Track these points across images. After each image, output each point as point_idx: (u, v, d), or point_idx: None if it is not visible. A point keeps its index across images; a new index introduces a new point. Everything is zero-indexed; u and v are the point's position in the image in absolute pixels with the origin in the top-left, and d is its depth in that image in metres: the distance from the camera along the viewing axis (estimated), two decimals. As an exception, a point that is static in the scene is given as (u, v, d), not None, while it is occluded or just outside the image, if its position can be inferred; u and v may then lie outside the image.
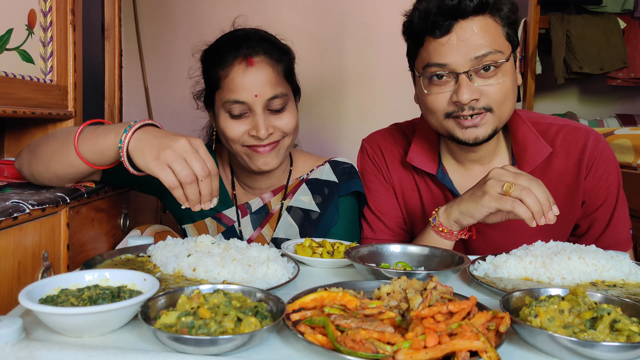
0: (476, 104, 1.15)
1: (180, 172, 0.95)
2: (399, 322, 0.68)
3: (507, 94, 1.17)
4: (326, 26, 3.09)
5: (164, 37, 3.16)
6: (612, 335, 0.65)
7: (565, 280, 0.92)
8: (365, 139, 1.51)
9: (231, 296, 0.71)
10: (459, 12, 1.12)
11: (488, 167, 1.33)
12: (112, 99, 1.90)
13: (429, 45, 1.17)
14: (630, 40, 3.24)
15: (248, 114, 1.28)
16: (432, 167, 1.35)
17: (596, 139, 1.28)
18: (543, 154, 1.26)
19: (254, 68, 1.26)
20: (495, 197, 1.06)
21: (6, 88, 1.17)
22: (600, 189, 1.28)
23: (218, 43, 1.34)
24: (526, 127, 1.28)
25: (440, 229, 1.18)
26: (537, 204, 1.01)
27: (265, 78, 1.26)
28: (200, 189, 0.97)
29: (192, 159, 0.95)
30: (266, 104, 1.27)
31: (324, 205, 1.40)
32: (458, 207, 1.14)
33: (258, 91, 1.25)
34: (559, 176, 1.29)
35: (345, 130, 3.16)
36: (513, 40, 1.19)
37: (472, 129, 1.18)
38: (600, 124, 3.37)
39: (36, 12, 1.31)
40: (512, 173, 1.06)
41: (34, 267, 1.00)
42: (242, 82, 1.25)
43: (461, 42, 1.13)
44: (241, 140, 1.29)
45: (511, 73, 1.18)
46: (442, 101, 1.18)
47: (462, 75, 1.14)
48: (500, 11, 1.15)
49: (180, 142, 0.96)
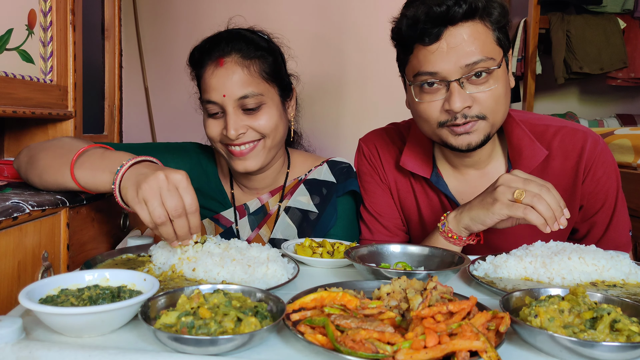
0: (469, 111, 1.13)
1: (153, 212, 0.90)
2: (399, 322, 0.68)
3: (499, 100, 1.15)
4: (326, 26, 3.09)
5: (164, 37, 3.16)
6: (612, 335, 0.65)
7: (565, 280, 0.92)
8: (363, 138, 1.50)
9: (231, 296, 0.71)
10: (448, 19, 1.09)
11: (484, 171, 1.33)
12: (112, 99, 1.90)
13: (419, 53, 1.15)
14: (630, 40, 3.24)
15: (223, 114, 1.29)
16: (426, 172, 1.34)
17: (594, 141, 1.27)
18: (539, 157, 1.24)
19: (223, 69, 1.27)
20: (506, 205, 1.04)
21: (6, 88, 1.17)
22: (599, 192, 1.27)
23: (198, 46, 1.36)
24: (521, 131, 1.27)
25: (450, 235, 1.16)
26: (549, 210, 1.00)
27: (235, 78, 1.26)
28: (175, 228, 0.93)
29: (167, 197, 0.91)
30: (237, 103, 1.26)
31: (323, 206, 1.40)
32: (468, 214, 1.12)
33: (227, 91, 1.25)
34: (556, 179, 1.27)
35: (345, 130, 3.16)
36: (504, 44, 1.17)
37: (465, 135, 1.16)
38: (600, 124, 3.37)
39: (36, 12, 1.31)
40: (522, 179, 1.04)
41: (34, 267, 1.00)
42: (211, 83, 1.27)
43: (451, 50, 1.10)
44: (219, 139, 1.31)
45: (503, 78, 1.16)
46: (434, 110, 1.16)
47: (453, 83, 1.12)
48: (491, 16, 1.13)
49: (158, 177, 0.91)
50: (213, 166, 1.47)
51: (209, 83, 1.27)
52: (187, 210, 0.92)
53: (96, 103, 1.85)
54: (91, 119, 1.78)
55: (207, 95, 1.28)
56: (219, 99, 1.26)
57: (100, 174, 1.02)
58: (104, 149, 1.09)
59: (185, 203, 0.92)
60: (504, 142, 1.32)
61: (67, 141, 1.15)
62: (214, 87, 1.26)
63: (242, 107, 1.27)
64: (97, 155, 1.05)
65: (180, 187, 0.93)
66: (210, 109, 1.29)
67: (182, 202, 0.92)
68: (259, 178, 1.42)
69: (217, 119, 1.29)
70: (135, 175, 0.95)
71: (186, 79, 1.40)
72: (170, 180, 0.92)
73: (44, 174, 1.09)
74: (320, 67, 3.02)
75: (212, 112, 1.29)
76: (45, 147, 1.14)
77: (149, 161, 1.02)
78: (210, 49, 1.30)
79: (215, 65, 1.27)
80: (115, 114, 1.90)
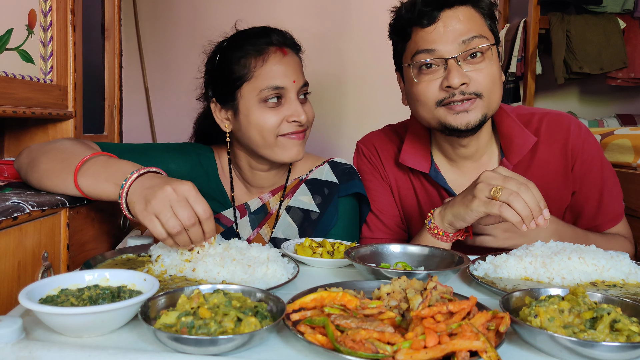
0: (466, 88, 1.18)
1: (166, 224, 0.90)
2: (399, 322, 0.68)
3: (495, 80, 1.21)
4: (326, 26, 3.10)
5: (164, 37, 3.16)
6: (612, 335, 0.65)
7: (565, 280, 0.92)
8: (360, 140, 1.53)
9: (231, 296, 0.71)
10: (444, 2, 1.18)
11: (479, 163, 1.35)
12: (112, 99, 1.90)
13: (417, 36, 1.22)
14: (630, 40, 3.24)
15: (282, 102, 1.30)
16: (424, 166, 1.36)
17: (577, 126, 1.33)
18: (529, 143, 1.29)
19: (288, 57, 1.31)
20: (483, 202, 1.05)
21: (6, 88, 1.17)
22: (588, 174, 1.32)
23: (242, 37, 1.34)
24: (511, 120, 1.32)
25: (436, 232, 1.18)
26: (526, 209, 1.00)
27: (297, 67, 1.33)
28: (190, 236, 0.93)
29: (178, 208, 0.91)
30: (299, 91, 1.31)
31: (324, 206, 1.40)
32: (451, 210, 1.14)
33: (295, 77, 1.30)
34: (545, 163, 1.32)
35: (345, 130, 3.16)
36: (495, 32, 1.24)
37: (464, 114, 1.19)
38: (600, 124, 3.36)
39: (36, 12, 1.31)
40: (502, 176, 1.05)
41: (34, 267, 1.00)
42: (280, 69, 1.28)
43: (448, 30, 1.18)
44: (278, 130, 1.29)
45: (496, 62, 1.22)
46: (432, 89, 1.21)
47: (450, 60, 1.17)
48: (481, 1, 1.22)
49: (166, 190, 0.91)
50: (213, 166, 1.47)
51: (277, 69, 1.28)
52: (200, 217, 0.93)
53: (96, 103, 1.85)
54: (91, 119, 1.77)
55: (273, 81, 1.28)
56: (288, 84, 1.29)
57: (104, 184, 1.02)
58: (107, 156, 1.08)
59: (198, 212, 0.92)
60: (497, 133, 1.37)
61: (68, 145, 1.15)
62: (283, 72, 1.29)
63: (299, 96, 1.32)
64: (100, 164, 1.05)
65: (190, 198, 0.93)
66: (271, 96, 1.28)
67: (194, 211, 0.92)
68: (269, 175, 1.42)
69: (275, 108, 1.29)
70: (141, 189, 0.95)
71: (186, 79, 1.40)
72: (178, 193, 0.92)
73: (44, 178, 1.09)
74: (320, 67, 3.02)
75: (273, 100, 1.28)
76: (46, 150, 1.14)
77: (152, 172, 1.02)
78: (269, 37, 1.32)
79: (281, 53, 1.31)
80: (115, 114, 1.90)
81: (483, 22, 1.22)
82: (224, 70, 1.33)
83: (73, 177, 1.04)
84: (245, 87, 1.29)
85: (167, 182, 0.94)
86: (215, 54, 1.38)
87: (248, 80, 1.29)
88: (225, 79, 1.32)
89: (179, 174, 1.38)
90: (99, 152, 1.10)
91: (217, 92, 1.36)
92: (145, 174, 1.00)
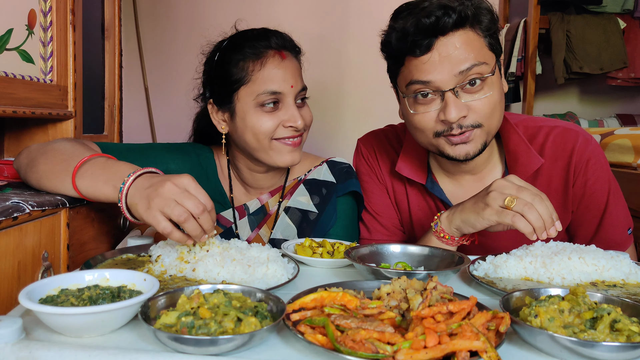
0: (464, 121, 1.12)
1: (172, 213, 0.90)
2: (399, 322, 0.68)
3: (495, 107, 1.14)
4: (326, 27, 3.10)
5: (164, 37, 3.16)
6: (612, 335, 0.65)
7: (565, 280, 0.92)
8: (361, 138, 1.50)
9: (231, 296, 0.71)
10: (438, 29, 1.08)
11: (480, 176, 1.32)
12: (112, 99, 1.90)
13: (410, 64, 1.13)
14: (630, 40, 3.24)
15: (279, 106, 1.29)
16: (421, 177, 1.33)
17: (585, 141, 1.26)
18: (534, 165, 1.24)
19: (287, 61, 1.30)
20: (496, 211, 1.03)
21: (6, 88, 1.17)
22: (589, 195, 1.26)
23: (241, 39, 1.32)
24: (517, 137, 1.26)
25: (442, 235, 1.16)
26: (539, 220, 0.98)
27: (296, 71, 1.32)
28: (201, 223, 0.93)
29: (183, 199, 0.91)
30: (297, 95, 1.31)
31: (322, 206, 1.40)
32: (460, 216, 1.12)
33: (293, 82, 1.29)
34: (548, 180, 1.27)
35: (344, 130, 3.16)
36: (496, 49, 1.16)
37: (462, 145, 1.15)
38: (600, 124, 3.37)
39: (36, 12, 1.31)
40: (516, 186, 1.03)
41: (34, 267, 1.00)
42: (278, 73, 1.27)
43: (444, 59, 1.09)
44: (273, 134, 1.29)
45: (497, 84, 1.15)
46: (429, 120, 1.15)
47: (448, 93, 1.10)
48: (481, 23, 1.12)
49: (166, 186, 0.92)
50: (213, 167, 1.47)
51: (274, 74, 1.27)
52: (206, 207, 0.94)
53: (96, 103, 1.85)
54: (91, 119, 1.78)
55: (270, 85, 1.27)
56: (285, 89, 1.28)
57: (102, 186, 1.02)
58: (105, 158, 1.08)
59: (202, 200, 0.93)
60: (501, 147, 1.32)
61: (67, 146, 1.15)
62: (281, 77, 1.28)
63: (296, 100, 1.31)
64: (98, 166, 1.05)
65: (191, 189, 0.93)
66: (268, 101, 1.27)
67: (199, 200, 0.93)
68: (268, 176, 1.42)
69: (272, 112, 1.28)
70: (141, 190, 0.95)
71: (186, 78, 1.39)
72: (179, 186, 0.93)
73: (43, 179, 1.09)
74: (320, 68, 3.02)
75: (270, 105, 1.27)
76: (45, 150, 1.14)
77: (149, 172, 1.02)
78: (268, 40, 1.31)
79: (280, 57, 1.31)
80: (115, 114, 1.90)
81: (482, 44, 1.12)
82: (221, 72, 1.32)
83: (71, 179, 1.04)
84: (242, 91, 1.28)
85: (166, 179, 0.94)
86: (213, 54, 1.37)
87: (245, 83, 1.28)
88: (222, 81, 1.32)
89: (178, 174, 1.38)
90: (97, 154, 1.10)
91: (215, 93, 1.35)
92: (143, 174, 1.00)
